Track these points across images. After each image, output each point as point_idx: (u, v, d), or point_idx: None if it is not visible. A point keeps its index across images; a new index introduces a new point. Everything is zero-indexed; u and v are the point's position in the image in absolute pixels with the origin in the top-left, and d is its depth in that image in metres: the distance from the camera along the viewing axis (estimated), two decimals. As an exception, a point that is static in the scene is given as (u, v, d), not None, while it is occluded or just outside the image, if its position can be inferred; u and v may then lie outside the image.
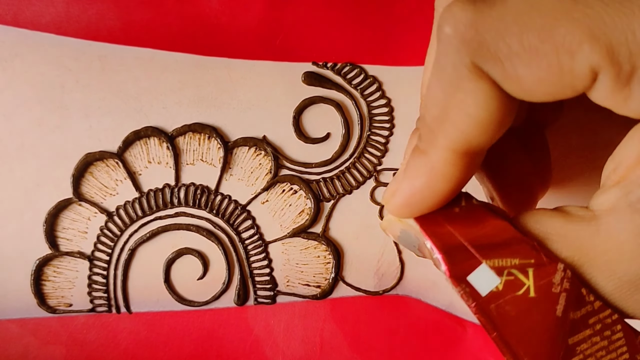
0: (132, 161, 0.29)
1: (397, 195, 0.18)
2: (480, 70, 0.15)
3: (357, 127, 0.30)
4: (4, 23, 0.27)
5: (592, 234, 0.15)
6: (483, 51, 0.15)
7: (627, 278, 0.15)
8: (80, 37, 0.27)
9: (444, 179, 0.17)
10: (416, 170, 0.17)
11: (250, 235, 0.30)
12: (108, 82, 0.28)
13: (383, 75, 0.30)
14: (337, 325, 0.31)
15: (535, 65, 0.14)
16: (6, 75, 0.27)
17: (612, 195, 0.15)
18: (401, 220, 0.19)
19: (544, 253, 0.16)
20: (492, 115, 0.15)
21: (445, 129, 0.16)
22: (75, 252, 0.28)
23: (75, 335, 0.29)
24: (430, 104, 0.16)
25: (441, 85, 0.16)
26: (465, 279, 0.16)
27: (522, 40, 0.14)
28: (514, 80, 0.15)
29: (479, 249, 0.16)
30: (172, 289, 0.29)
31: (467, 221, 0.17)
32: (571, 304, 0.16)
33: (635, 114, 0.15)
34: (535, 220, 0.17)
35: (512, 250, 0.16)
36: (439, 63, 0.16)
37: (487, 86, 0.15)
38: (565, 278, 0.16)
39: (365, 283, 0.30)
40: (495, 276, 0.16)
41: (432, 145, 0.17)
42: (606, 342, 0.16)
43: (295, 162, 0.30)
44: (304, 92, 0.29)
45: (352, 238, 0.30)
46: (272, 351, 0.30)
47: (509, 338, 0.16)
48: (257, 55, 0.29)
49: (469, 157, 0.16)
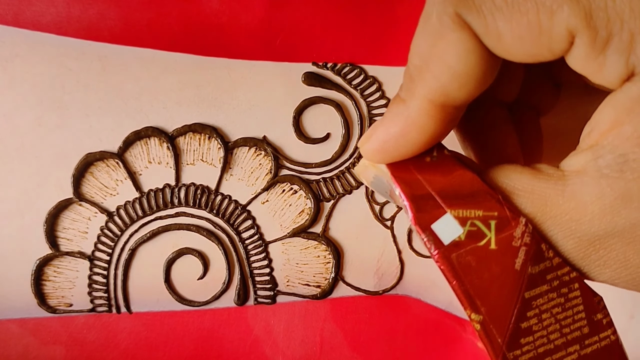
0: (132, 161, 0.29)
1: (372, 140, 0.18)
2: (463, 21, 0.15)
3: (357, 127, 0.30)
4: (4, 23, 0.27)
5: (557, 192, 0.16)
6: (467, 2, 0.15)
7: (587, 238, 0.15)
8: (80, 37, 0.27)
9: (419, 128, 0.17)
10: (393, 117, 0.17)
11: (251, 235, 0.30)
12: (108, 82, 0.28)
13: (383, 76, 0.30)
14: (337, 324, 0.31)
15: (515, 22, 0.14)
16: (7, 75, 0.27)
17: (582, 158, 0.16)
18: (374, 165, 0.19)
19: (507, 207, 0.16)
20: (471, 69, 0.15)
21: (424, 79, 0.16)
22: (76, 252, 0.28)
23: (76, 335, 0.29)
24: (413, 53, 0.16)
25: (425, 35, 0.16)
26: (429, 227, 0.16)
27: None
28: (494, 34, 0.15)
29: (445, 199, 0.17)
30: (172, 289, 0.29)
31: (436, 171, 0.18)
32: (530, 259, 0.16)
33: (609, 82, 0.15)
34: (504, 174, 0.17)
35: (476, 202, 0.17)
36: (425, 12, 0.16)
37: (468, 38, 0.15)
38: (526, 232, 0.16)
39: (365, 283, 0.31)
40: (458, 226, 0.16)
41: (411, 94, 0.17)
42: (562, 300, 0.16)
43: (295, 162, 0.30)
44: (304, 92, 0.29)
45: (352, 238, 0.30)
46: (272, 351, 0.30)
47: (468, 287, 0.16)
48: (258, 55, 0.29)
49: (445, 111, 0.17)
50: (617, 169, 0.15)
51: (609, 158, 0.15)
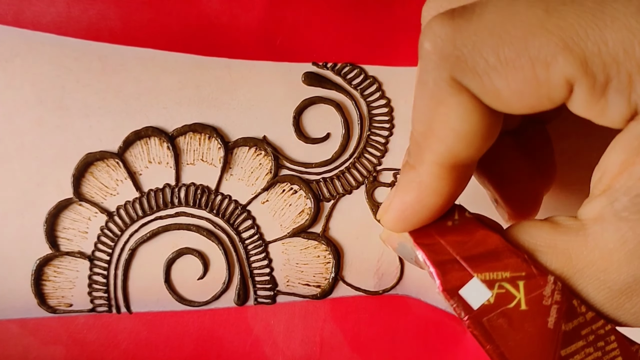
0: (132, 161, 0.29)
1: (390, 211, 0.18)
2: (459, 85, 0.15)
3: (357, 127, 0.30)
4: (4, 23, 0.27)
5: (580, 244, 0.15)
6: (461, 65, 0.15)
7: (617, 287, 0.15)
8: (80, 37, 0.27)
9: (434, 193, 0.17)
10: (406, 185, 0.17)
11: (251, 235, 0.30)
12: (108, 82, 0.28)
13: (383, 76, 0.30)
14: (337, 325, 0.31)
15: (511, 78, 0.14)
16: (7, 75, 0.27)
17: (598, 204, 0.15)
18: (399, 234, 0.19)
19: (534, 265, 0.16)
20: (475, 128, 0.15)
21: (431, 144, 0.16)
22: (76, 252, 0.28)
23: (76, 335, 0.29)
24: (416, 120, 0.16)
25: (424, 101, 0.16)
26: (457, 292, 0.16)
27: (498, 54, 0.14)
28: (492, 93, 0.15)
29: (471, 263, 0.17)
30: (172, 289, 0.29)
31: (459, 234, 0.18)
32: (563, 316, 0.16)
33: (613, 124, 0.15)
34: (524, 231, 0.17)
35: (503, 263, 0.16)
36: (421, 79, 0.16)
37: (467, 100, 0.15)
38: (556, 290, 0.16)
39: (365, 283, 0.31)
40: (486, 289, 0.16)
41: (420, 160, 0.17)
42: (600, 353, 0.16)
43: (296, 162, 0.30)
44: (304, 92, 0.29)
45: (352, 238, 0.30)
46: (272, 351, 0.30)
47: (502, 350, 0.16)
48: (258, 55, 0.29)
49: (457, 171, 0.17)
50: (635, 211, 0.14)
51: (624, 200, 0.15)
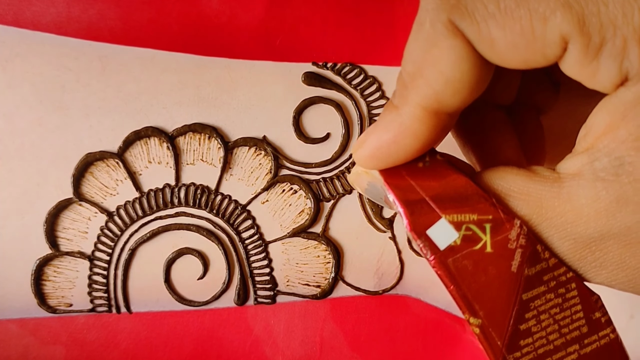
0: (132, 161, 0.29)
1: (365, 147, 0.18)
2: (456, 28, 0.15)
3: (357, 127, 0.30)
4: (4, 23, 0.27)
5: (553, 194, 0.16)
6: (460, 9, 0.15)
7: (582, 240, 0.16)
8: (80, 37, 0.27)
9: (412, 135, 0.17)
10: (386, 123, 0.17)
11: (250, 235, 0.30)
12: (108, 82, 0.28)
13: (383, 76, 0.30)
14: (337, 324, 0.31)
15: (508, 28, 0.14)
16: (7, 75, 0.27)
17: (578, 160, 0.16)
18: (367, 172, 0.19)
19: (501, 209, 0.16)
20: (464, 76, 0.15)
21: (417, 85, 0.16)
22: (76, 252, 0.28)
23: (76, 335, 0.29)
24: (407, 60, 0.16)
25: (418, 42, 0.16)
26: (425, 232, 0.17)
27: (499, 2, 0.14)
28: (487, 41, 0.15)
29: (439, 204, 0.17)
30: (172, 289, 0.29)
31: (429, 176, 0.18)
32: (526, 260, 0.16)
33: (603, 88, 0.15)
34: (499, 176, 0.17)
35: (471, 206, 0.17)
36: (418, 19, 0.16)
37: (461, 45, 0.15)
38: (522, 234, 0.16)
39: (365, 283, 0.31)
40: (453, 231, 0.16)
41: (404, 100, 0.17)
42: (560, 300, 0.16)
43: (295, 162, 0.30)
44: (304, 92, 0.29)
45: (352, 238, 0.30)
46: (272, 351, 0.30)
47: (465, 292, 0.16)
48: (258, 55, 0.29)
49: (438, 118, 0.17)
50: (613, 172, 0.15)
51: (605, 161, 0.15)
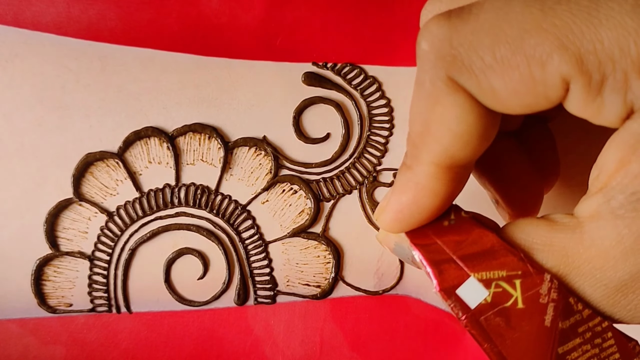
0: (132, 161, 0.29)
1: (387, 211, 0.18)
2: (456, 84, 0.15)
3: (357, 127, 0.30)
4: (4, 23, 0.27)
5: (576, 242, 0.15)
6: (458, 65, 0.15)
7: (613, 285, 0.15)
8: (80, 37, 0.27)
9: (430, 193, 0.17)
10: (403, 185, 0.17)
11: (251, 235, 0.30)
12: (108, 82, 0.28)
13: (383, 76, 0.30)
14: (337, 325, 0.31)
15: (508, 77, 0.14)
16: (7, 75, 0.27)
17: (594, 201, 0.15)
18: (396, 235, 0.19)
19: (530, 264, 0.16)
20: (472, 129, 0.15)
21: (427, 144, 0.16)
22: (76, 252, 0.28)
23: (76, 335, 0.29)
24: (413, 120, 0.16)
25: (421, 101, 0.16)
26: (454, 292, 0.16)
27: (495, 53, 0.14)
28: (489, 92, 0.15)
29: (467, 262, 0.17)
30: (172, 289, 0.29)
31: (455, 234, 0.18)
32: (560, 314, 0.16)
33: (610, 123, 0.15)
34: (520, 230, 0.17)
35: (499, 262, 0.17)
36: (418, 79, 0.16)
37: (464, 99, 0.15)
38: (553, 288, 0.16)
39: (365, 283, 0.31)
40: (483, 288, 0.16)
41: (417, 160, 0.17)
42: (597, 350, 0.16)
43: (295, 162, 0.30)
44: (304, 92, 0.29)
45: (352, 238, 0.30)
46: (272, 351, 0.30)
47: (500, 349, 0.16)
48: (258, 55, 0.29)
49: (454, 171, 0.17)
50: (631, 209, 0.14)
51: (620, 198, 0.15)
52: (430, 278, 0.17)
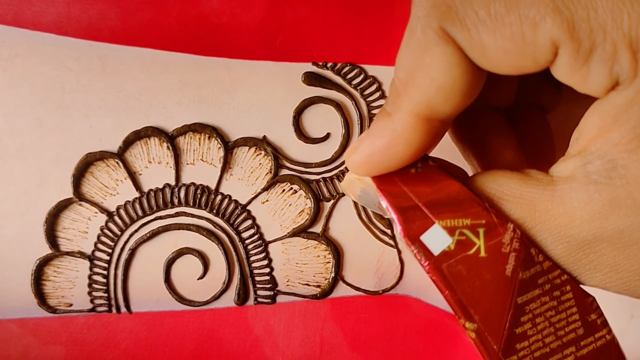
0: (132, 161, 0.29)
1: (357, 153, 0.18)
2: (447, 35, 0.15)
3: (357, 127, 0.30)
4: (4, 23, 0.27)
5: (546, 198, 0.16)
6: (452, 16, 0.15)
7: (576, 243, 0.16)
8: (80, 37, 0.27)
9: (405, 142, 0.17)
10: (378, 130, 0.17)
11: (251, 235, 0.30)
12: (108, 82, 0.28)
13: (383, 76, 0.30)
14: (337, 324, 0.31)
15: (499, 34, 0.14)
16: (7, 75, 0.27)
17: (571, 164, 0.16)
18: (360, 179, 0.19)
19: (494, 214, 0.16)
20: (456, 82, 0.16)
21: (410, 93, 0.16)
22: (76, 252, 0.28)
23: (76, 335, 0.29)
24: (399, 67, 0.16)
25: (410, 49, 0.16)
26: (418, 238, 0.17)
27: (489, 8, 0.14)
28: (478, 47, 0.15)
29: (432, 210, 0.17)
30: (172, 289, 0.29)
31: (422, 182, 0.18)
32: (520, 264, 0.16)
33: (594, 92, 0.15)
34: (491, 180, 0.17)
35: (464, 211, 0.17)
36: (410, 26, 0.16)
37: (453, 52, 0.15)
38: (515, 238, 0.16)
39: (365, 283, 0.31)
40: (447, 236, 0.16)
41: (397, 107, 0.17)
42: (555, 302, 0.16)
43: (295, 162, 0.30)
44: (304, 92, 0.29)
45: (352, 238, 0.30)
46: (272, 351, 0.30)
47: (460, 297, 0.16)
48: (258, 55, 0.29)
49: (431, 124, 0.17)
50: (606, 175, 0.15)
51: (597, 164, 0.15)
52: (395, 224, 0.17)
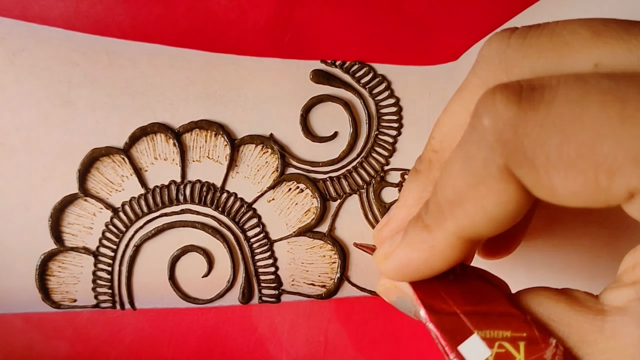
0: (138, 157, 0.28)
1: (392, 260, 0.18)
2: (511, 175, 0.14)
3: (365, 126, 0.30)
4: (12, 17, 0.27)
5: (595, 328, 0.15)
6: (519, 156, 0.14)
7: None
8: (88, 32, 0.27)
9: (444, 258, 0.17)
10: (415, 243, 0.17)
11: (256, 233, 0.30)
12: (115, 77, 0.28)
13: (392, 74, 0.30)
14: (341, 325, 0.30)
15: (571, 179, 0.14)
16: (14, 70, 0.27)
17: (625, 294, 0.15)
18: (396, 286, 0.19)
19: (536, 328, 0.16)
20: (508, 214, 0.15)
21: (456, 215, 0.16)
22: (80, 247, 0.28)
23: (79, 330, 0.29)
24: (447, 185, 0.16)
25: (464, 173, 0.15)
26: (456, 348, 0.16)
27: (561, 152, 0.13)
28: (547, 189, 0.14)
29: (472, 319, 0.16)
30: (176, 286, 0.29)
31: (460, 289, 0.17)
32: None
33: None
34: (537, 302, 0.17)
35: (504, 322, 0.16)
36: (468, 151, 0.15)
37: (514, 190, 0.14)
38: (557, 354, 0.15)
39: (370, 283, 0.30)
40: (486, 348, 0.16)
41: (439, 225, 0.16)
42: None
43: (302, 160, 0.29)
44: (312, 90, 0.29)
45: (358, 238, 0.30)
46: (276, 350, 0.30)
47: None
48: (266, 52, 0.29)
49: (470, 242, 0.16)
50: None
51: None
52: (436, 336, 0.16)
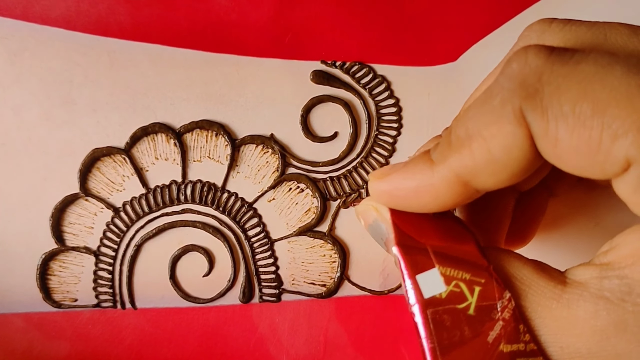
0: (139, 157, 0.28)
1: (386, 181, 0.18)
2: (523, 118, 0.15)
3: (365, 127, 0.30)
4: (13, 17, 0.27)
5: (554, 296, 0.16)
6: (535, 101, 0.14)
7: (569, 350, 0.15)
8: (89, 32, 0.27)
9: (434, 194, 0.17)
10: (415, 172, 0.17)
11: (256, 233, 0.30)
12: (116, 77, 0.28)
13: (392, 75, 0.30)
14: (341, 324, 0.30)
15: (577, 133, 0.14)
16: (15, 70, 0.27)
17: (589, 272, 0.15)
18: (378, 210, 0.19)
19: (496, 278, 0.16)
20: (510, 162, 0.15)
21: (461, 153, 0.16)
22: (81, 247, 0.28)
23: (80, 330, 0.29)
24: (462, 124, 0.16)
25: (481, 113, 0.16)
26: (414, 276, 0.16)
27: (575, 105, 0.14)
28: (551, 139, 0.14)
29: (437, 254, 0.17)
30: (177, 286, 0.29)
31: (435, 226, 0.18)
32: (505, 335, 0.16)
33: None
34: (507, 259, 0.17)
35: (467, 265, 0.16)
36: (491, 89, 0.15)
37: (522, 136, 0.15)
38: (508, 308, 0.16)
39: (370, 283, 0.30)
40: (442, 283, 0.16)
41: (442, 159, 0.16)
42: None
43: (303, 160, 0.30)
44: (312, 90, 0.29)
45: (358, 237, 0.30)
46: (277, 349, 0.30)
47: (435, 345, 0.16)
48: (266, 52, 0.29)
49: (466, 189, 0.16)
50: (619, 297, 0.14)
51: (614, 282, 0.15)
52: (398, 260, 0.17)
